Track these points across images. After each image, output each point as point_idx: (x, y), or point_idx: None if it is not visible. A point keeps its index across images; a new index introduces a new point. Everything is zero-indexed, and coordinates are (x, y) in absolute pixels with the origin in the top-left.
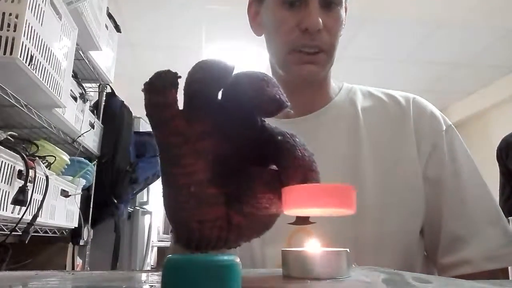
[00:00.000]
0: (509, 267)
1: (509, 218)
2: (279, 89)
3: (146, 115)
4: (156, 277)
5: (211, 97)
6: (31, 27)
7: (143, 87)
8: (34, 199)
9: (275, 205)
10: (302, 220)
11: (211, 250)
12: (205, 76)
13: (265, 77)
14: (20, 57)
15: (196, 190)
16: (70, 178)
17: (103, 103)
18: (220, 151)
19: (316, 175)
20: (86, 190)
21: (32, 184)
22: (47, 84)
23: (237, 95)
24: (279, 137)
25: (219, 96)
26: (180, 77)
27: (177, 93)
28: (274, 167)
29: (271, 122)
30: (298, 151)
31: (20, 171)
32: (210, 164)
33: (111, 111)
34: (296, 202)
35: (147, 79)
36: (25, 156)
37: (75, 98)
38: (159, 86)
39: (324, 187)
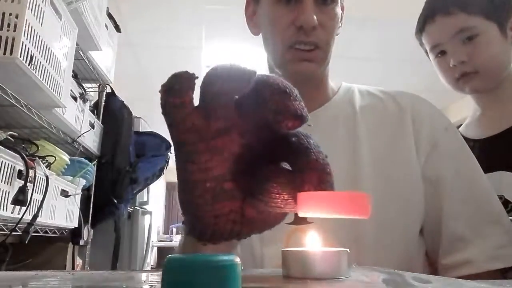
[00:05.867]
0: None
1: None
2: (301, 102)
3: (162, 113)
4: (156, 277)
5: (229, 99)
6: (31, 27)
7: (160, 88)
8: (34, 199)
9: (289, 205)
10: (301, 220)
11: (223, 242)
12: (224, 84)
13: (287, 88)
14: (20, 57)
15: (211, 186)
16: (70, 178)
17: (103, 103)
18: (235, 148)
19: (331, 177)
20: (86, 190)
21: (32, 184)
22: (47, 84)
23: (256, 102)
24: (293, 138)
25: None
26: (197, 77)
27: (193, 93)
28: (286, 164)
29: None
30: (313, 153)
31: (20, 171)
32: (224, 160)
33: (111, 111)
34: (311, 208)
35: (147, 79)
36: (25, 156)
37: (75, 98)
38: (176, 88)
39: (341, 195)
